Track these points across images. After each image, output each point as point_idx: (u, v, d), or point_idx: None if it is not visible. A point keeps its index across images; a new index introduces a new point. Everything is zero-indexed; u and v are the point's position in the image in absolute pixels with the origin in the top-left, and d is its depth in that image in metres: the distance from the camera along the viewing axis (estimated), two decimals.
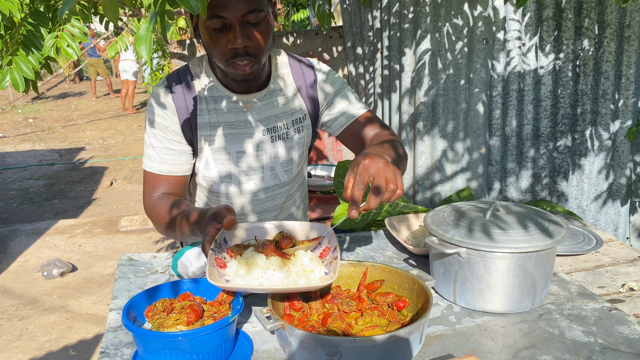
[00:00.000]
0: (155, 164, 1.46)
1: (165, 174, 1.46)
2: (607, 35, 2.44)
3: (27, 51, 1.66)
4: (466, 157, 2.81)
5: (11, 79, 1.71)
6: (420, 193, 2.99)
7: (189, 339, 0.92)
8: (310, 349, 0.93)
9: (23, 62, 1.66)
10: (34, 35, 1.66)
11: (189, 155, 1.48)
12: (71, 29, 1.64)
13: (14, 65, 1.69)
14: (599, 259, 1.50)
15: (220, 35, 1.30)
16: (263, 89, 1.49)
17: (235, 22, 1.27)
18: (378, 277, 1.19)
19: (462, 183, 2.85)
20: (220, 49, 1.31)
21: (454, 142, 2.82)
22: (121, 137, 9.07)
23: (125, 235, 4.71)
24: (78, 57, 1.70)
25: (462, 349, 1.05)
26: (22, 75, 1.70)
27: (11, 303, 3.51)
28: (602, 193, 2.65)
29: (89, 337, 3.12)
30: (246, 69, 1.33)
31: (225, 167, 1.50)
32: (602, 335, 1.09)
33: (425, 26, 2.71)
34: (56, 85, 13.88)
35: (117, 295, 1.28)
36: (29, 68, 1.70)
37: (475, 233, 1.18)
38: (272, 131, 1.50)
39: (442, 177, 2.90)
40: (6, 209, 5.58)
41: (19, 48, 1.65)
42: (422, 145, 2.92)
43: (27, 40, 1.66)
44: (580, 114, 2.60)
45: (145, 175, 1.49)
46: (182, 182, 1.49)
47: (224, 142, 1.47)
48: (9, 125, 10.09)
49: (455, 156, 2.83)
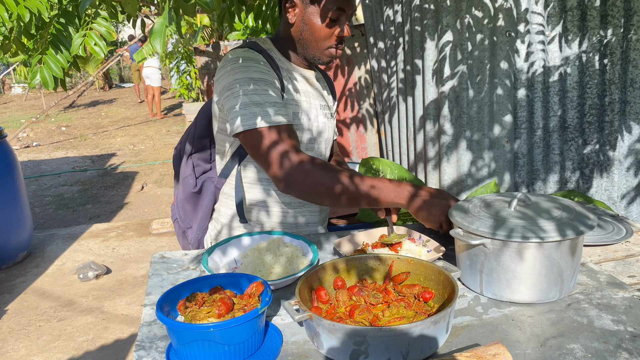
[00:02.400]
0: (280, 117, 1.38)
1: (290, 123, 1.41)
2: (635, 23, 2.40)
3: (57, 50, 1.73)
4: (492, 151, 2.79)
5: (41, 78, 1.77)
6: (446, 187, 2.98)
7: (220, 330, 0.95)
8: (338, 339, 0.95)
9: (52, 61, 1.72)
10: (62, 34, 1.73)
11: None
12: (99, 28, 1.70)
13: (43, 64, 1.76)
14: (629, 248, 1.48)
15: (333, 24, 1.51)
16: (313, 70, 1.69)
17: (348, 15, 1.52)
18: (404, 269, 1.21)
19: (488, 177, 2.83)
20: (329, 35, 1.52)
21: (479, 137, 2.80)
22: (150, 142, 9.26)
23: (157, 237, 4.81)
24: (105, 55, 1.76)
25: (489, 339, 1.06)
26: (52, 74, 1.77)
27: (50, 305, 3.63)
28: (632, 183, 2.60)
29: (124, 336, 3.21)
30: (340, 53, 1.58)
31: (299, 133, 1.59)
32: (632, 324, 1.08)
33: (446, 20, 2.71)
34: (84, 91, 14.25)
35: (151, 291, 1.32)
36: (58, 67, 1.77)
37: (501, 224, 1.18)
38: (325, 108, 1.69)
39: (467, 172, 2.88)
40: (43, 214, 5.76)
41: (48, 47, 1.72)
42: (446, 140, 2.90)
43: (56, 39, 1.72)
44: (608, 104, 2.56)
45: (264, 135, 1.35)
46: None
47: (300, 108, 1.58)
48: (43, 134, 10.40)
49: (480, 150, 2.81)
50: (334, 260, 1.21)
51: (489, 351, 0.91)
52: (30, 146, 9.24)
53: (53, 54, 1.74)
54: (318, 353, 1.03)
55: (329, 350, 0.98)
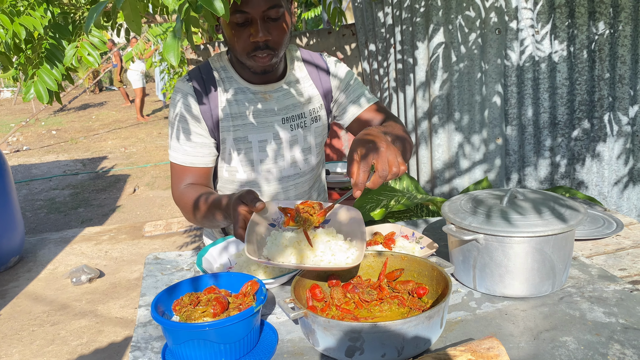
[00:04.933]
0: (179, 155, 1.52)
1: (188, 165, 1.52)
2: (622, 19, 2.42)
3: (51, 64, 1.72)
4: (483, 148, 2.81)
5: (35, 92, 1.77)
6: (439, 186, 2.99)
7: (216, 329, 0.95)
8: (333, 336, 0.96)
9: (46, 75, 1.72)
10: (56, 48, 1.72)
11: (210, 148, 1.53)
12: (91, 39, 1.70)
13: (37, 78, 1.75)
14: (619, 242, 1.50)
15: (242, 30, 1.38)
16: (279, 81, 1.56)
17: (257, 17, 1.35)
18: (398, 266, 1.21)
19: (480, 174, 2.85)
20: (242, 42, 1.39)
21: (471, 134, 2.82)
22: (142, 144, 9.22)
23: (150, 240, 4.79)
24: (99, 64, 1.76)
25: (483, 333, 1.07)
26: (46, 88, 1.76)
27: (43, 309, 3.61)
28: (622, 178, 2.63)
29: (118, 339, 3.19)
30: (266, 61, 1.41)
31: (248, 156, 1.55)
32: (624, 316, 1.10)
33: (437, 19, 2.72)
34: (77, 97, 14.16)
35: (145, 292, 1.32)
36: (52, 80, 1.76)
37: (493, 219, 1.19)
38: (290, 120, 1.57)
39: (459, 170, 2.90)
40: (34, 218, 5.72)
41: (42, 61, 1.71)
42: (439, 138, 2.92)
43: (50, 53, 1.72)
44: (597, 100, 2.58)
45: (172, 167, 1.56)
46: (206, 173, 1.55)
47: (246, 132, 1.53)
48: (33, 138, 10.32)
49: (472, 148, 2.83)
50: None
51: (483, 345, 0.92)
52: (20, 150, 9.17)
53: (47, 68, 1.73)
54: (313, 350, 1.03)
55: (324, 347, 0.99)
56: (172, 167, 1.55)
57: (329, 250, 1.17)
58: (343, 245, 1.19)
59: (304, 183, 1.65)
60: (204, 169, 1.54)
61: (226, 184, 1.63)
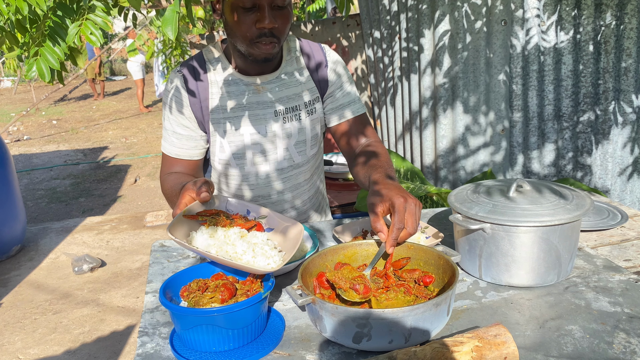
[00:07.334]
0: (167, 145, 1.56)
1: (174, 156, 1.55)
2: (628, 12, 2.42)
3: (54, 42, 1.72)
4: (487, 139, 2.81)
5: (37, 69, 1.76)
6: (441, 181, 2.99)
7: (224, 315, 0.96)
8: (341, 322, 0.96)
9: (49, 53, 1.71)
10: (59, 26, 1.71)
11: (197, 141, 1.54)
12: (94, 18, 1.68)
13: (40, 56, 1.74)
14: (624, 233, 1.50)
15: (248, 15, 1.34)
16: (275, 71, 1.54)
17: (265, 3, 1.33)
18: (404, 254, 1.22)
19: (484, 164, 2.85)
20: (246, 28, 1.36)
21: (475, 124, 2.81)
22: (143, 135, 9.21)
23: (151, 230, 4.80)
24: (101, 44, 1.75)
25: (488, 321, 1.07)
26: (48, 66, 1.75)
27: (45, 298, 3.62)
28: (626, 169, 2.63)
29: (120, 328, 3.21)
30: (269, 49, 1.39)
31: (240, 149, 1.54)
32: (629, 305, 1.10)
33: (443, 8, 2.71)
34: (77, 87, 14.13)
35: (152, 279, 1.33)
36: (55, 58, 1.75)
37: (499, 208, 1.19)
38: (284, 112, 1.54)
39: (464, 160, 2.90)
40: (35, 208, 5.72)
41: (45, 39, 1.71)
42: (443, 129, 2.92)
43: (53, 31, 1.71)
44: (602, 92, 2.58)
45: (162, 155, 1.60)
46: (192, 165, 1.57)
47: (238, 124, 1.52)
48: (33, 127, 10.31)
49: (476, 139, 2.83)
50: (334, 246, 1.21)
51: (490, 332, 0.93)
52: (21, 140, 9.17)
53: (50, 46, 1.72)
54: (320, 337, 1.04)
55: (332, 334, 0.99)
56: (162, 156, 1.60)
57: (252, 251, 1.14)
58: (270, 251, 1.16)
59: (299, 175, 1.63)
60: (190, 161, 1.56)
61: (220, 177, 1.63)
